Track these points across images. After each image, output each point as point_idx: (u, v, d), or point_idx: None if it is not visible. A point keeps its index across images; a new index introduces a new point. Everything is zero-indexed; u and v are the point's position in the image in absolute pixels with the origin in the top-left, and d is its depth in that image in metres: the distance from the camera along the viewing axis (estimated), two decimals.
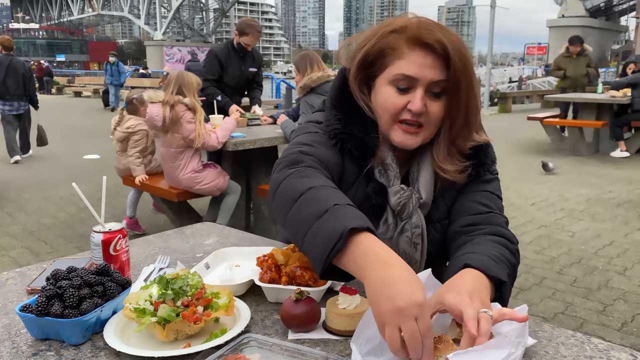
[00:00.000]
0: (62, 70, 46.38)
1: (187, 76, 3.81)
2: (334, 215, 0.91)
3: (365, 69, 1.21)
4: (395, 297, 0.81)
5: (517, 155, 8.45)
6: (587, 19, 56.16)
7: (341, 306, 0.99)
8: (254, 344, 0.91)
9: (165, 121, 3.70)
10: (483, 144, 1.26)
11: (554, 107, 14.68)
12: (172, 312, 0.93)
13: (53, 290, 0.95)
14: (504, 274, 1.01)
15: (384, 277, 0.83)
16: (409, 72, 1.13)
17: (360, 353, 0.88)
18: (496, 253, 1.07)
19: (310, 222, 0.93)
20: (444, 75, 1.13)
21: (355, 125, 1.22)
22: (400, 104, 1.16)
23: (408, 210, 1.23)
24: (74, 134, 11.24)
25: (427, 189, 1.25)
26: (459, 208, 1.26)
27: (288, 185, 1.03)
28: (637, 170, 7.23)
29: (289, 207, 0.99)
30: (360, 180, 1.25)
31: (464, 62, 1.12)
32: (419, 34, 1.13)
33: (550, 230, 4.73)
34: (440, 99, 1.16)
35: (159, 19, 61.88)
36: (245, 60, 5.15)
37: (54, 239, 4.60)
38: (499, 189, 1.30)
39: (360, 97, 1.22)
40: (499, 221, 1.22)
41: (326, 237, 0.88)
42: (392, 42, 1.16)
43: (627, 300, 3.33)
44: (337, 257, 0.88)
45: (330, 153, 1.20)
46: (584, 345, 0.94)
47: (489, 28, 17.01)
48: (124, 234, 1.17)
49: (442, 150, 1.22)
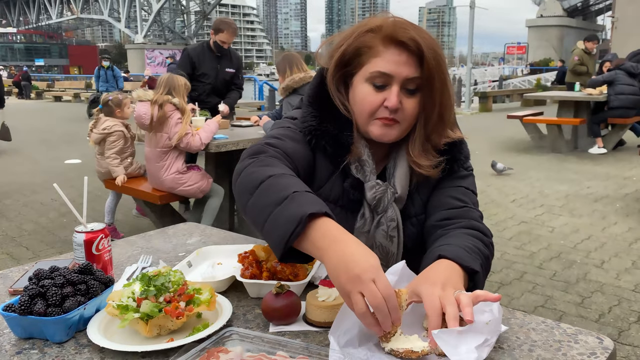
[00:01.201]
0: (41, 74, 45.76)
1: (177, 79, 3.86)
2: (294, 201, 0.96)
3: (343, 68, 1.25)
4: (352, 267, 0.87)
5: (498, 153, 8.56)
6: (565, 19, 57.05)
7: (320, 299, 1.02)
8: (235, 337, 0.94)
9: (153, 120, 3.71)
10: (457, 140, 1.30)
11: (533, 105, 14.94)
12: (155, 307, 0.95)
13: (36, 290, 0.97)
14: (477, 264, 1.05)
15: (341, 254, 0.89)
16: (385, 69, 1.17)
17: (339, 344, 0.90)
18: (470, 245, 1.10)
19: (270, 208, 0.97)
20: (418, 72, 1.17)
21: (329, 122, 1.26)
22: (376, 101, 1.20)
23: (383, 204, 1.27)
24: (54, 139, 11.11)
25: (402, 184, 1.28)
26: (434, 203, 1.30)
27: (249, 173, 1.08)
28: (614, 166, 7.38)
29: (250, 194, 1.03)
30: (337, 176, 1.28)
31: (438, 60, 1.17)
32: (393, 33, 1.17)
33: (531, 226, 4.82)
34: (415, 95, 1.20)
35: (139, 22, 61.34)
36: (222, 61, 5.13)
37: (36, 245, 4.55)
38: (473, 185, 1.34)
39: (337, 96, 1.26)
40: (473, 215, 1.26)
41: (286, 222, 0.93)
42: (368, 41, 1.20)
43: (605, 292, 3.41)
44: (297, 241, 0.93)
45: (299, 147, 1.24)
46: (554, 330, 0.98)
47: (468, 28, 17.20)
48: (106, 233, 1.19)
49: (417, 146, 1.25)
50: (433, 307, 0.89)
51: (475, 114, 16.08)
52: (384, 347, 0.90)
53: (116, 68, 13.81)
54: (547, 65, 38.16)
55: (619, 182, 6.43)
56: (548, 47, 53.41)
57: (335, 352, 0.86)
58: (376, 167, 1.30)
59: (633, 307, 3.19)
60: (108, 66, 13.28)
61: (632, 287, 3.47)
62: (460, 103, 18.30)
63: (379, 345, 0.92)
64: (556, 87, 19.43)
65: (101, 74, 13.22)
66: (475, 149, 8.56)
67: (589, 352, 0.90)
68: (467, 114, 15.86)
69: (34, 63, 71.84)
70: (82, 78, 33.46)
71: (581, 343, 0.93)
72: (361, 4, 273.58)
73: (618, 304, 3.25)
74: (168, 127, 3.75)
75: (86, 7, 77.26)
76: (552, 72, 26.56)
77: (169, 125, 3.74)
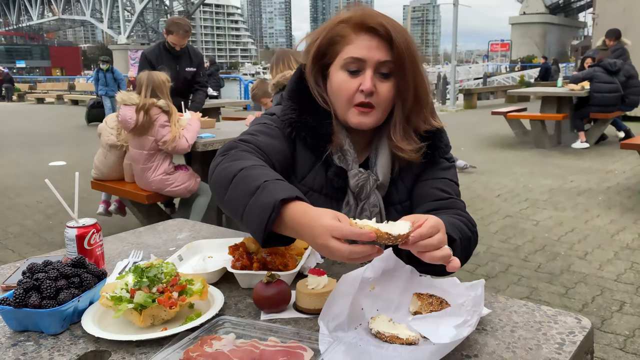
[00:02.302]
0: (22, 76, 45.16)
1: (157, 76, 3.80)
2: (265, 190, 1.02)
3: (319, 60, 1.31)
4: (323, 225, 0.93)
5: (483, 149, 8.66)
6: (547, 16, 57.64)
7: (310, 286, 1.05)
8: (228, 325, 0.96)
9: (137, 124, 3.69)
10: (437, 129, 1.35)
11: (517, 102, 15.10)
12: (148, 298, 0.97)
13: (30, 283, 0.98)
14: (456, 235, 1.10)
15: (314, 225, 0.95)
16: (357, 54, 1.24)
17: (328, 329, 0.93)
18: (453, 221, 1.16)
19: (245, 199, 1.03)
20: (390, 56, 1.23)
21: (308, 115, 1.31)
22: (352, 87, 1.26)
23: (366, 191, 1.32)
24: (38, 141, 10.99)
25: (384, 171, 1.33)
26: (420, 194, 1.35)
27: (221, 170, 1.14)
28: (596, 160, 7.51)
29: (225, 189, 1.09)
30: (320, 165, 1.34)
31: (407, 44, 1.23)
32: (363, 20, 1.24)
33: (516, 220, 4.89)
34: (389, 79, 1.26)
35: (122, 23, 60.82)
36: (181, 60, 5.05)
37: (22, 247, 4.52)
38: (455, 176, 1.40)
39: (315, 89, 1.32)
40: (459, 206, 1.33)
41: (261, 211, 0.99)
42: (341, 31, 1.27)
43: (588, 283, 3.48)
44: (275, 226, 1.00)
45: (274, 142, 1.29)
46: (534, 312, 1.02)
47: (452, 26, 17.32)
48: (97, 228, 1.21)
49: (399, 130, 1.30)
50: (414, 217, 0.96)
51: (460, 111, 16.21)
52: (371, 329, 0.93)
53: (117, 70, 12.76)
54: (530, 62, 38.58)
55: (602, 176, 6.55)
56: (531, 44, 53.94)
57: (325, 337, 0.89)
58: (359, 156, 1.35)
59: (615, 297, 3.27)
60: (107, 68, 12.25)
61: (614, 277, 3.55)
62: (445, 100, 18.43)
63: (367, 329, 0.95)
64: (539, 83, 19.65)
65: (100, 76, 12.33)
66: (461, 145, 8.66)
67: (568, 332, 0.94)
68: (452, 111, 15.98)
69: (15, 65, 70.79)
70: (65, 79, 33.05)
71: (560, 323, 0.97)
72: (345, 2, 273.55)
73: (601, 293, 3.32)
74: (154, 130, 3.73)
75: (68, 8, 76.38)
76: (535, 69, 26.88)
77: (154, 128, 3.72)
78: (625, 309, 3.11)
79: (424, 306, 0.98)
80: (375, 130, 1.35)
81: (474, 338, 0.92)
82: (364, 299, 1.01)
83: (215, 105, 7.83)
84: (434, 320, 0.88)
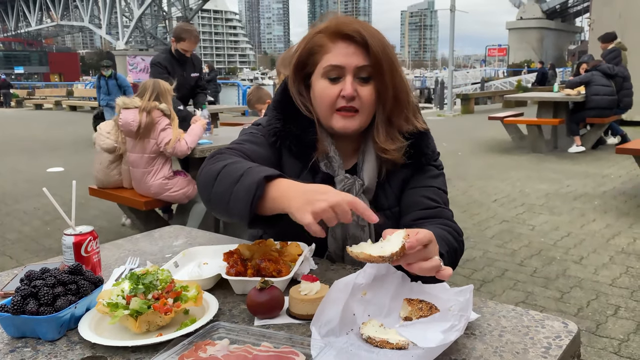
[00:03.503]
0: (21, 82, 45.19)
1: (162, 84, 3.90)
2: (249, 174, 1.08)
3: (301, 70, 1.36)
4: (315, 190, 1.01)
5: (480, 154, 8.70)
6: (544, 21, 57.93)
7: (303, 293, 1.07)
8: (222, 331, 0.98)
9: (141, 127, 3.73)
10: (422, 131, 1.38)
11: (514, 106, 15.15)
12: (144, 304, 0.99)
13: (28, 290, 1.00)
14: (444, 250, 1.13)
15: (302, 190, 1.02)
16: (336, 61, 1.28)
17: (320, 334, 0.95)
18: (440, 233, 1.18)
19: (230, 188, 1.09)
20: (367, 60, 1.28)
21: (292, 124, 1.35)
22: (334, 93, 1.30)
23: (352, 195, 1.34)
24: (36, 147, 11.01)
25: (369, 175, 1.37)
26: (408, 202, 1.38)
27: (206, 171, 1.20)
28: (592, 165, 7.55)
29: (211, 186, 1.15)
30: (306, 173, 1.37)
31: (383, 47, 1.27)
32: (338, 28, 1.29)
33: (512, 224, 4.92)
34: (369, 83, 1.30)
35: (120, 29, 60.90)
36: (186, 67, 5.16)
37: (20, 253, 4.53)
38: (444, 184, 1.42)
39: (298, 98, 1.36)
40: (447, 215, 1.35)
41: (247, 191, 1.04)
42: (318, 41, 1.31)
43: (583, 287, 3.50)
44: (261, 204, 1.05)
45: (260, 150, 1.34)
46: (522, 317, 1.04)
47: (450, 31, 17.40)
48: (94, 236, 1.23)
49: (382, 132, 1.34)
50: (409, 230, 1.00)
51: (458, 115, 16.27)
52: (362, 334, 0.95)
53: (122, 76, 10.80)
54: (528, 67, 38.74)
55: (598, 180, 6.58)
56: (528, 49, 54.17)
57: (317, 341, 0.91)
58: (347, 162, 1.39)
59: (610, 301, 3.29)
60: (110, 74, 10.35)
61: (609, 282, 3.57)
62: (443, 105, 18.50)
63: (358, 334, 0.97)
64: (536, 88, 19.73)
65: (102, 84, 10.43)
66: (458, 150, 8.70)
67: (554, 336, 0.96)
68: (449, 116, 16.04)
69: (14, 71, 70.84)
70: (63, 85, 33.10)
71: (547, 328, 1.00)
72: (343, 8, 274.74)
73: (596, 298, 3.34)
74: (155, 132, 3.77)
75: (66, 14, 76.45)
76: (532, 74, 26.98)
77: (156, 131, 3.77)
78: (620, 313, 3.13)
79: (414, 311, 1.00)
80: (361, 137, 1.38)
81: (462, 342, 0.94)
82: (356, 304, 1.03)
83: (214, 111, 7.86)
84: (422, 325, 0.90)
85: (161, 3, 66.00)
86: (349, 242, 1.34)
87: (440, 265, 0.97)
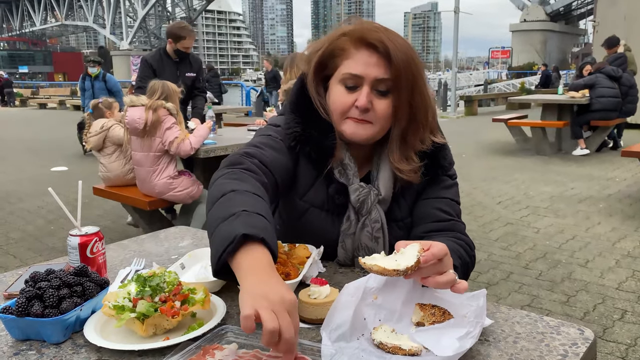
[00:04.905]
0: (25, 82, 45.33)
1: (170, 85, 3.90)
2: (237, 220, 0.96)
3: (321, 71, 1.30)
4: (275, 293, 0.85)
5: (484, 156, 8.67)
6: (548, 23, 57.82)
7: (312, 296, 1.05)
8: (230, 335, 0.96)
9: (147, 124, 3.73)
10: (440, 145, 1.32)
11: (518, 108, 15.12)
12: (151, 307, 0.97)
13: (33, 292, 0.98)
14: (457, 262, 1.10)
15: (264, 282, 0.87)
16: (355, 70, 1.22)
17: (330, 339, 0.93)
18: (453, 246, 1.15)
19: (218, 222, 0.98)
20: (388, 74, 1.21)
21: (313, 128, 1.29)
22: (348, 101, 1.24)
23: (367, 206, 1.30)
24: (40, 147, 11.02)
25: (386, 186, 1.31)
26: (420, 214, 1.33)
27: (218, 184, 1.10)
28: (597, 168, 7.51)
29: (211, 205, 1.05)
30: (321, 181, 1.32)
31: (407, 62, 1.20)
32: (363, 35, 1.22)
33: (516, 227, 4.89)
34: (387, 97, 1.24)
35: (124, 29, 61.08)
36: (181, 66, 5.08)
37: (23, 252, 4.52)
38: (457, 195, 1.37)
39: (317, 99, 1.30)
40: (459, 228, 1.31)
41: (223, 239, 0.93)
42: (342, 44, 1.25)
43: (589, 291, 3.47)
44: (230, 260, 0.93)
45: (279, 156, 1.26)
46: (537, 323, 1.02)
47: (453, 33, 17.37)
48: (100, 236, 1.21)
49: (396, 150, 1.28)
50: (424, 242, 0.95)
51: (461, 117, 16.23)
52: (373, 339, 0.93)
53: (112, 78, 8.57)
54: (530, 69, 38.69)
55: (602, 183, 6.55)
56: (531, 51, 54.07)
57: (327, 347, 0.89)
58: (359, 170, 1.33)
59: (617, 305, 3.26)
60: (97, 74, 8.20)
61: (615, 286, 3.54)
62: (446, 107, 18.47)
63: (369, 339, 0.95)
64: (540, 90, 19.69)
65: (87, 86, 8.30)
66: (462, 152, 8.67)
67: (571, 343, 0.94)
68: (453, 118, 16.01)
69: (18, 70, 71.07)
70: (67, 85, 33.21)
71: (563, 334, 0.97)
72: (347, 10, 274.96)
73: (602, 302, 3.31)
74: (161, 130, 3.77)
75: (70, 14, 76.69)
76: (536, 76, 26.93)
77: (161, 130, 3.77)
78: (627, 317, 3.10)
79: (426, 317, 0.98)
80: (375, 145, 1.33)
81: (476, 349, 0.92)
82: (367, 308, 1.01)
83: (217, 112, 7.85)
84: (436, 332, 0.88)
85: (165, 4, 66.11)
86: (360, 253, 1.30)
87: (456, 279, 0.94)
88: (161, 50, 5.06)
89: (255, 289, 0.86)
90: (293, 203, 1.36)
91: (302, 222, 1.36)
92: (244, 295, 0.85)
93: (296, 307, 0.87)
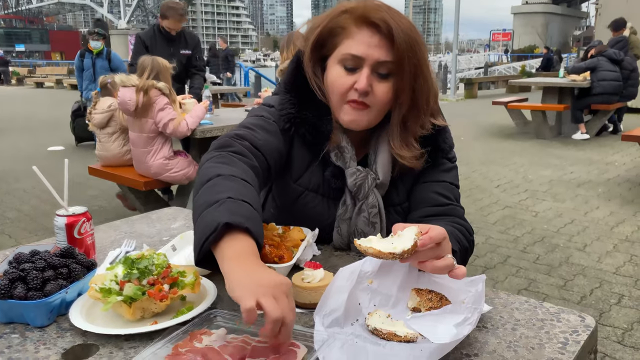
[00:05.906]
0: (22, 60, 44.91)
1: (161, 61, 3.80)
2: (221, 207, 0.93)
3: (319, 50, 1.23)
4: (267, 279, 0.82)
5: (483, 139, 8.62)
6: (550, 6, 57.20)
7: (306, 280, 1.02)
8: (219, 320, 0.93)
9: (138, 106, 3.66)
10: (440, 128, 1.28)
11: (518, 92, 15.03)
12: (138, 290, 0.94)
13: (16, 273, 0.95)
14: (456, 247, 1.06)
15: (250, 271, 0.84)
16: (356, 51, 1.16)
17: (323, 324, 0.90)
18: (452, 231, 1.12)
19: (202, 208, 0.95)
20: (390, 56, 1.15)
21: (308, 109, 1.24)
22: (347, 83, 1.18)
23: (364, 190, 1.26)
24: (36, 126, 10.94)
25: (384, 170, 1.27)
26: (418, 198, 1.29)
27: (205, 168, 1.06)
28: (596, 152, 7.47)
29: (198, 189, 1.01)
30: (316, 164, 1.27)
31: (410, 44, 1.14)
32: (365, 13, 1.15)
33: (515, 210, 4.87)
34: (387, 80, 1.18)
35: (122, 7, 60.36)
36: (175, 43, 5.00)
37: (18, 232, 4.49)
38: (457, 178, 1.33)
39: (313, 79, 1.24)
40: (458, 212, 1.27)
41: (205, 227, 0.90)
42: (342, 22, 1.18)
43: (586, 275, 3.46)
44: (214, 249, 0.90)
45: (271, 138, 1.21)
46: (537, 310, 0.99)
47: (454, 15, 17.16)
48: (87, 217, 1.17)
49: (396, 135, 1.23)
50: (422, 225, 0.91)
51: (461, 100, 16.13)
52: (368, 325, 0.90)
53: (117, 56, 7.23)
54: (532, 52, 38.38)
55: (602, 168, 6.51)
56: (533, 34, 53.59)
57: (320, 333, 0.86)
58: (356, 153, 1.28)
59: (614, 289, 3.25)
60: (100, 50, 6.89)
61: (613, 270, 3.53)
62: (446, 89, 18.34)
63: (363, 325, 0.92)
64: (541, 73, 19.54)
65: (86, 64, 6.93)
66: (461, 134, 8.62)
67: (571, 330, 0.91)
68: (452, 101, 15.90)
69: (15, 48, 70.32)
70: (65, 64, 32.86)
71: (563, 321, 0.95)
72: None
73: (599, 286, 3.31)
74: (153, 112, 3.70)
75: None
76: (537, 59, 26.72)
77: (154, 111, 3.69)
78: (624, 302, 3.09)
79: (423, 302, 0.95)
80: (373, 127, 1.27)
81: (474, 336, 0.89)
82: (362, 293, 0.98)
83: (215, 92, 7.77)
84: (432, 318, 0.85)
85: None
86: (356, 238, 1.27)
87: (454, 264, 0.90)
88: (155, 27, 4.98)
89: (245, 279, 0.82)
90: (287, 187, 1.32)
91: (296, 207, 1.32)
92: (236, 287, 0.81)
93: (291, 291, 0.84)
